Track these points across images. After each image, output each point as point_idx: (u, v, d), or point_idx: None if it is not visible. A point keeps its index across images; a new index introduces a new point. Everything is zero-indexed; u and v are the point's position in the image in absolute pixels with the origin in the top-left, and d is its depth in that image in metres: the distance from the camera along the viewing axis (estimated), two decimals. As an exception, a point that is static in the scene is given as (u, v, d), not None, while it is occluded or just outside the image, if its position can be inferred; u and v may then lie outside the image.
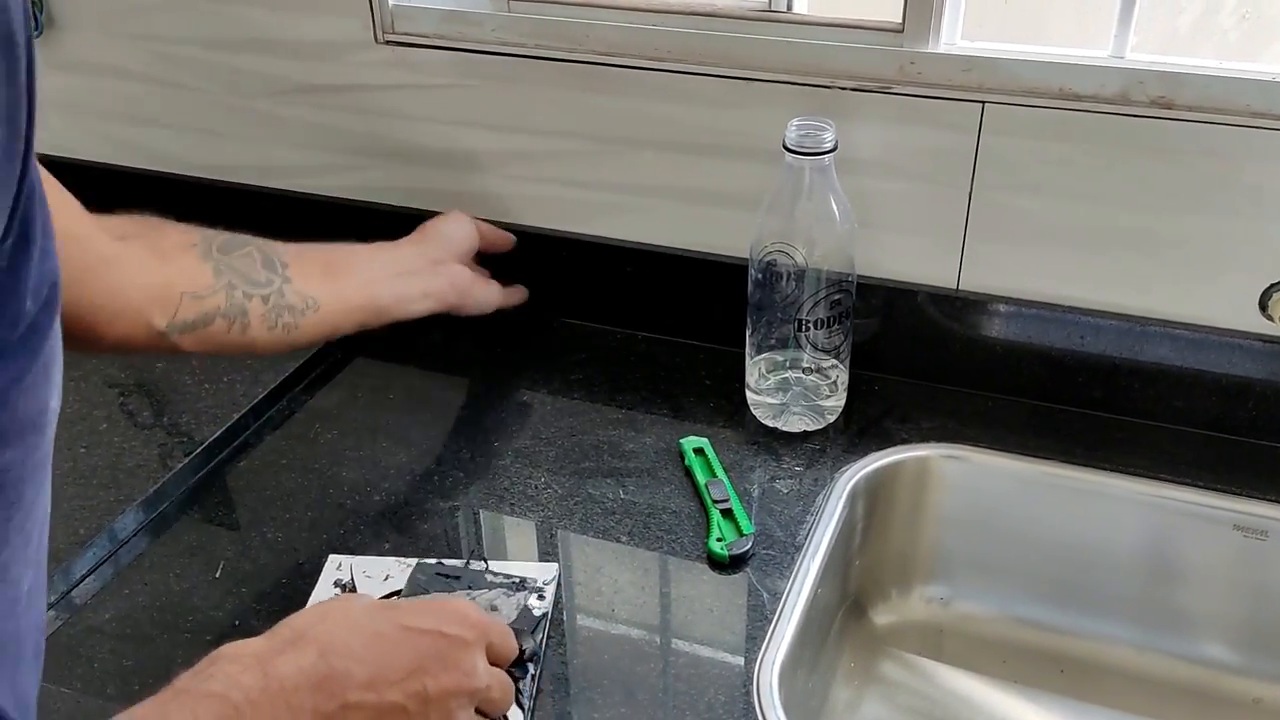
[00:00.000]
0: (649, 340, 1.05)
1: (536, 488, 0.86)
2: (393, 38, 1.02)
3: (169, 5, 1.09)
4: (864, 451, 0.89)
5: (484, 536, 0.84)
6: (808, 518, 0.83)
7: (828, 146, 0.82)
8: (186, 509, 0.86)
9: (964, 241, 0.92)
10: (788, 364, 0.91)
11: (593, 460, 0.89)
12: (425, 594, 0.74)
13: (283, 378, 0.98)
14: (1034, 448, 0.89)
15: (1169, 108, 0.82)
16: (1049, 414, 0.93)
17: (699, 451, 0.88)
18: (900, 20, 0.88)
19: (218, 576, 0.79)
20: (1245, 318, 0.87)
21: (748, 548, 0.79)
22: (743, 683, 0.70)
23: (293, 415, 0.96)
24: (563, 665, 0.71)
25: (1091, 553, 0.88)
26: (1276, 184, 0.82)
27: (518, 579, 0.76)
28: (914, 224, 0.93)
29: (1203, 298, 0.87)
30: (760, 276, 0.87)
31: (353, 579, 0.77)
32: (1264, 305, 0.85)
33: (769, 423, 0.92)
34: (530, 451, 0.90)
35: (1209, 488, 0.85)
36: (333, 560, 0.79)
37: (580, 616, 0.76)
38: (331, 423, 0.95)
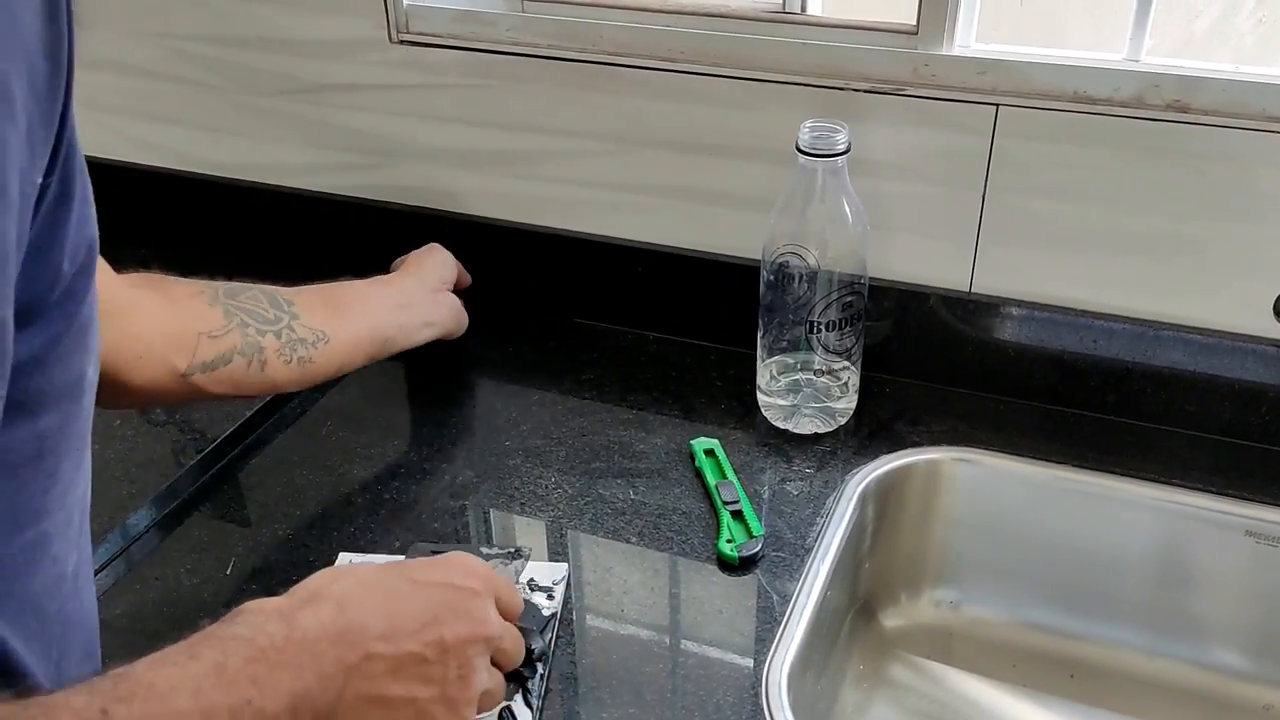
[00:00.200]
0: (660, 341, 1.05)
1: (547, 487, 0.86)
2: (407, 37, 1.02)
3: (184, 3, 1.10)
4: (875, 454, 0.89)
5: (494, 535, 0.84)
6: (818, 520, 0.83)
7: (841, 148, 0.82)
8: (198, 505, 0.86)
9: (977, 244, 0.92)
10: (799, 366, 0.91)
11: (603, 460, 0.89)
12: None
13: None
14: (1045, 451, 0.89)
15: (1184, 111, 0.82)
16: (1061, 418, 0.93)
17: (709, 453, 0.88)
18: (914, 22, 0.88)
19: (229, 573, 0.79)
20: (1259, 323, 0.86)
21: (757, 549, 0.79)
22: (751, 684, 0.70)
23: (304, 413, 0.96)
24: (571, 665, 0.72)
25: (1102, 557, 0.88)
26: (1292, 189, 0.82)
27: (512, 549, 0.77)
28: (927, 226, 0.93)
29: (1216, 302, 0.87)
30: (772, 278, 0.87)
31: (363, 577, 0.77)
32: (1278, 310, 0.85)
33: (780, 424, 0.92)
34: (541, 451, 0.90)
35: (1221, 493, 0.85)
36: (343, 558, 0.79)
37: (589, 616, 0.76)
38: (342, 421, 0.95)
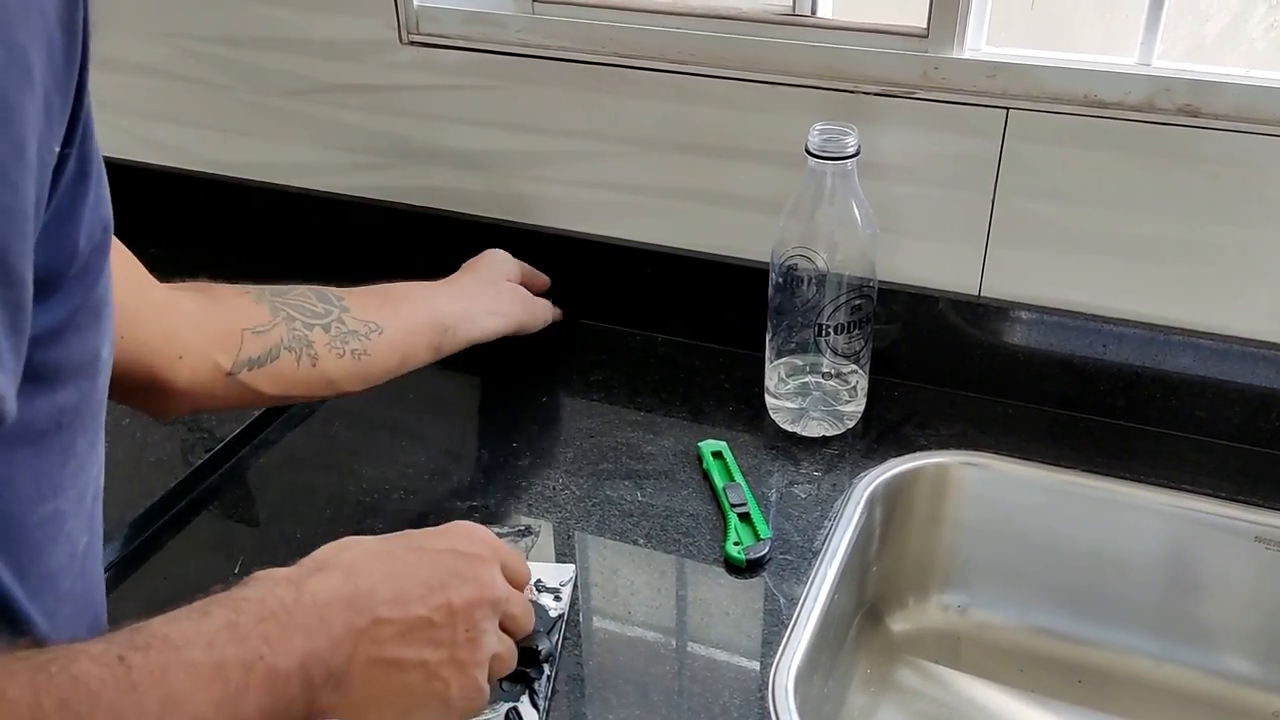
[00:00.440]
0: (668, 343, 1.05)
1: (554, 489, 0.86)
2: (417, 38, 1.02)
3: (195, 4, 1.10)
4: (883, 457, 0.89)
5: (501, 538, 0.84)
6: (825, 523, 0.83)
7: (850, 151, 0.82)
8: (207, 504, 0.86)
9: (986, 248, 0.92)
10: (807, 369, 0.91)
11: (611, 462, 0.89)
12: None
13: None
14: (1054, 456, 0.88)
15: (1195, 116, 0.82)
16: (1070, 422, 0.93)
17: (717, 455, 0.88)
18: (925, 25, 0.88)
19: (236, 572, 0.79)
20: (1270, 328, 0.86)
21: (765, 552, 0.79)
22: (758, 687, 0.70)
23: (313, 413, 0.96)
24: (578, 666, 0.72)
25: (1111, 562, 0.88)
26: (1303, 194, 0.81)
27: (522, 527, 0.77)
28: (936, 230, 0.93)
29: (1227, 308, 0.87)
30: (781, 280, 0.87)
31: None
32: (1289, 316, 0.85)
33: (788, 427, 0.92)
34: (548, 452, 0.91)
35: (1230, 499, 0.84)
36: (351, 558, 0.79)
37: (596, 618, 0.76)
38: (351, 421, 0.95)
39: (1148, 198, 0.85)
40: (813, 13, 0.95)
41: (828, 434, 0.91)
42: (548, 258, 1.06)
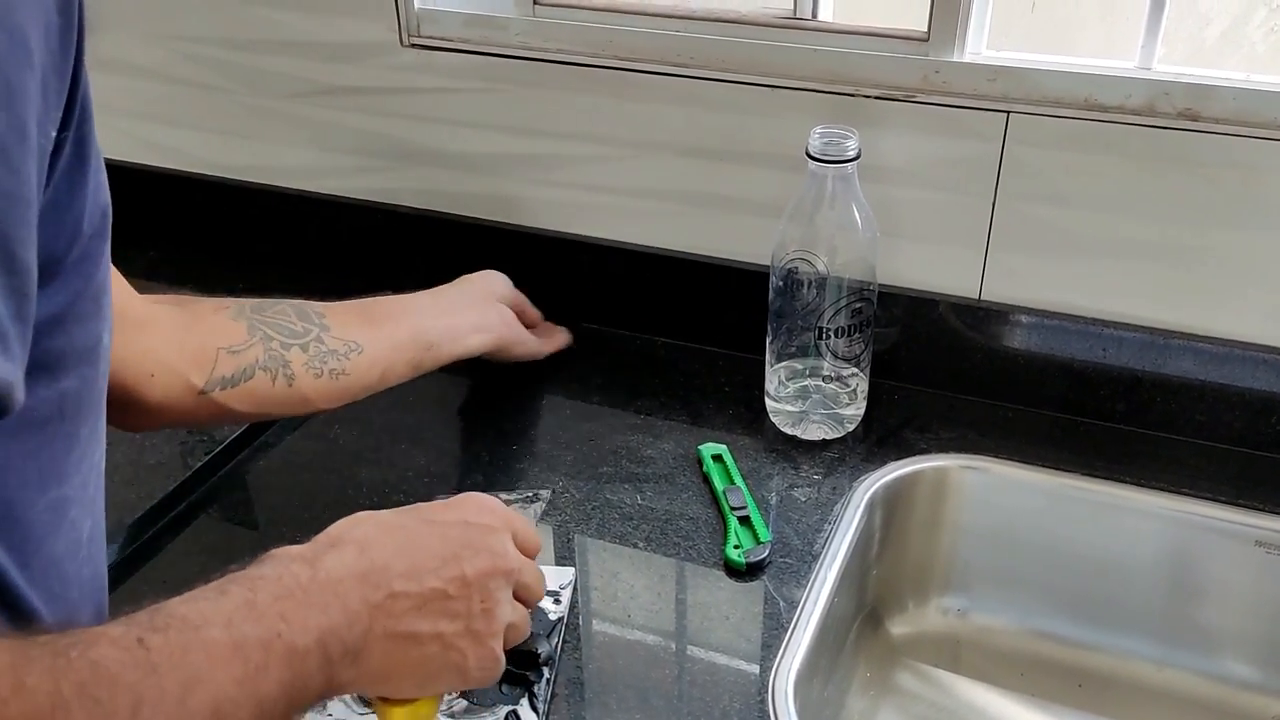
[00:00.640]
0: (669, 346, 1.05)
1: (554, 492, 0.86)
2: (418, 41, 1.02)
3: (195, 6, 1.10)
4: (883, 461, 0.89)
5: (501, 540, 0.83)
6: (825, 526, 0.82)
7: (851, 154, 0.82)
8: (206, 508, 0.86)
9: (987, 251, 0.92)
10: (808, 372, 0.91)
11: (611, 465, 0.89)
12: None
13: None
14: (1054, 460, 0.88)
15: (1195, 120, 0.82)
16: (1070, 426, 0.93)
17: (717, 458, 0.88)
18: (925, 29, 0.88)
19: (236, 575, 0.79)
20: (1270, 332, 0.86)
21: (765, 555, 0.79)
22: (758, 690, 0.70)
23: (312, 416, 0.96)
24: (578, 670, 0.71)
25: (1111, 566, 0.88)
26: (1304, 198, 0.81)
27: (531, 493, 0.77)
28: (937, 233, 0.93)
29: (1227, 311, 0.87)
30: (781, 284, 0.87)
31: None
32: (1289, 320, 0.85)
33: (788, 430, 0.91)
34: (548, 456, 0.90)
35: (1231, 503, 0.84)
36: (350, 561, 0.79)
37: (596, 621, 0.76)
38: (351, 424, 0.95)
39: (1148, 201, 0.85)
40: (814, 16, 0.95)
41: (828, 437, 0.91)
42: (547, 261, 1.06)
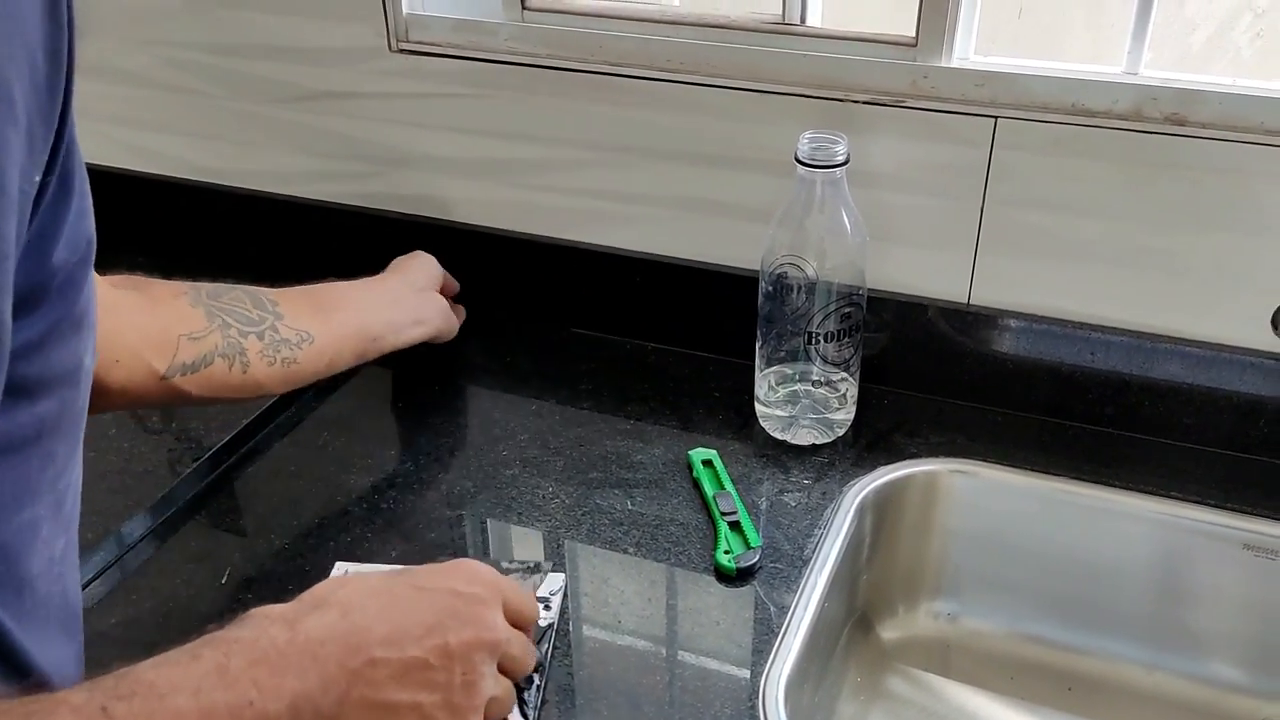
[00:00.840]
0: (658, 351, 1.05)
1: (544, 497, 0.86)
2: (406, 46, 1.02)
3: (181, 11, 1.10)
4: (872, 465, 0.89)
5: (491, 546, 0.83)
6: (815, 531, 0.82)
7: (840, 159, 0.82)
8: (194, 515, 0.86)
9: (975, 256, 0.92)
10: (797, 377, 0.91)
11: (600, 471, 0.89)
12: None
13: (291, 384, 0.98)
14: (1043, 464, 0.89)
15: (1182, 125, 0.82)
16: (1059, 430, 0.93)
17: (707, 463, 0.88)
18: (914, 34, 0.88)
19: (224, 583, 0.79)
20: (1258, 335, 0.86)
21: (755, 560, 0.79)
22: (748, 696, 0.70)
23: (301, 422, 0.96)
24: (568, 676, 0.71)
25: (1100, 570, 0.88)
26: (1290, 202, 0.82)
27: (531, 563, 0.77)
28: (925, 238, 0.93)
29: (1215, 315, 0.87)
30: (770, 289, 0.87)
31: (359, 587, 0.77)
32: (1276, 324, 0.85)
33: (778, 435, 0.92)
34: (538, 461, 0.90)
35: (1219, 506, 0.84)
36: (339, 567, 0.79)
37: (586, 627, 0.75)
38: (339, 430, 0.95)
39: (1135, 206, 0.86)
40: (802, 21, 0.95)
41: (818, 442, 0.91)
42: (537, 266, 1.06)
